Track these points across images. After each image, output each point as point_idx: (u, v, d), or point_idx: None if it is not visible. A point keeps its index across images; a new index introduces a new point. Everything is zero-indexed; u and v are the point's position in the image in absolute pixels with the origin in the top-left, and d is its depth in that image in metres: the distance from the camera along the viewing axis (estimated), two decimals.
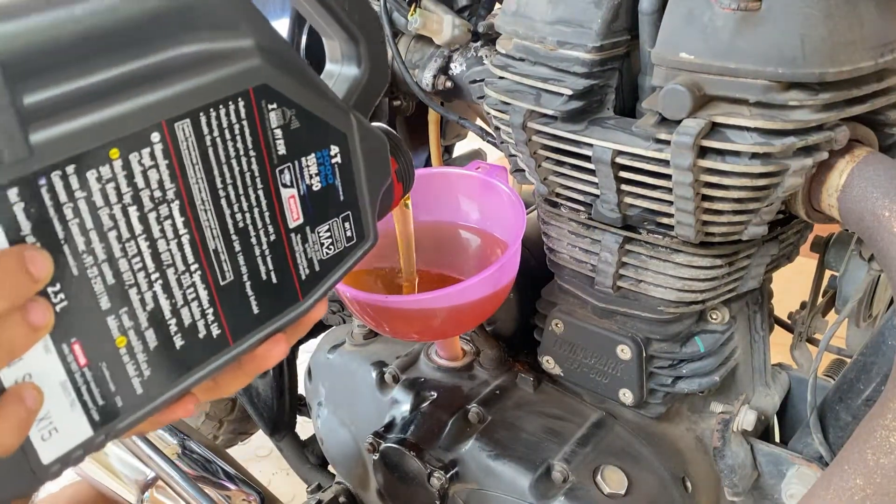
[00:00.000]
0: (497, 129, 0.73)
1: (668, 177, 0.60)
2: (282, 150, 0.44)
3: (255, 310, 0.45)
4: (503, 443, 0.78)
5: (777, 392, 0.85)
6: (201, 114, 0.39)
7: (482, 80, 0.84)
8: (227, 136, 0.40)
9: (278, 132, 0.43)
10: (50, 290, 0.34)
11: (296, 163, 0.45)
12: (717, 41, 0.56)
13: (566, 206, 0.73)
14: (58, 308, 0.35)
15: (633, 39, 0.65)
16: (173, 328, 0.41)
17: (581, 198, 0.70)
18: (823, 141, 0.57)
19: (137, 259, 0.38)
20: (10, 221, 0.32)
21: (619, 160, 0.63)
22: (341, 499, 0.98)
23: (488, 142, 0.97)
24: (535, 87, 0.66)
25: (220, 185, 0.41)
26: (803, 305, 0.89)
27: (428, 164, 1.15)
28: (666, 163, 0.59)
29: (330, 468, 1.17)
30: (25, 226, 0.33)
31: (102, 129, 0.34)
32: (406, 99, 1.06)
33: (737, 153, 0.57)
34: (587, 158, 0.65)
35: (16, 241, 0.33)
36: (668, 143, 0.58)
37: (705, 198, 0.61)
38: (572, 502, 0.72)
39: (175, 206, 0.39)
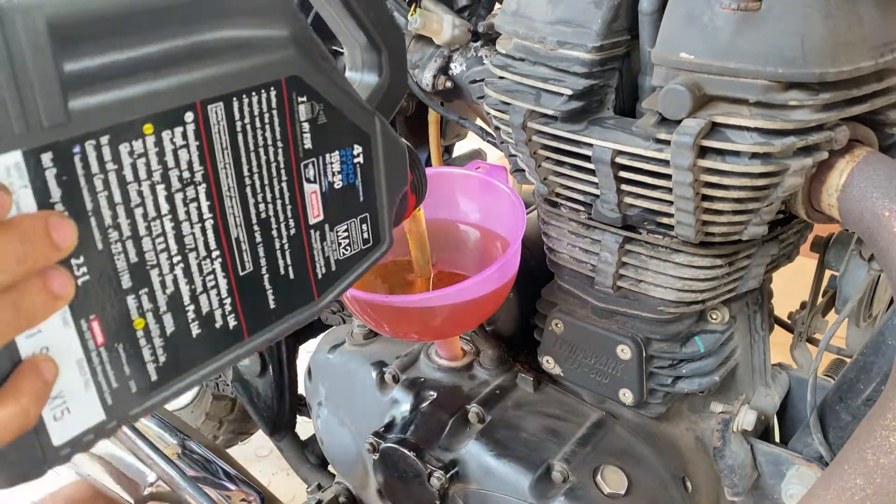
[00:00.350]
0: (497, 129, 0.73)
1: (668, 177, 0.60)
2: (308, 143, 0.44)
3: (272, 304, 0.45)
4: (503, 443, 0.78)
5: (777, 392, 0.85)
6: (234, 99, 0.39)
7: (482, 80, 0.84)
8: (258, 124, 0.41)
9: (306, 126, 0.44)
10: (73, 261, 0.34)
11: (320, 158, 0.46)
12: (717, 41, 0.56)
13: (566, 206, 0.73)
14: (79, 282, 0.35)
15: (633, 39, 0.65)
16: (191, 315, 0.41)
17: (581, 198, 0.70)
18: (823, 141, 0.57)
19: (161, 240, 0.38)
20: (40, 186, 0.32)
21: (619, 160, 0.63)
22: (341, 499, 0.98)
23: (488, 142, 0.97)
24: (535, 87, 0.66)
25: (246, 173, 0.41)
26: (803, 305, 0.89)
27: (428, 164, 1.15)
28: (666, 163, 0.59)
29: (330, 468, 1.17)
30: (55, 192, 0.33)
31: (139, 104, 0.35)
32: (406, 99, 1.06)
33: (737, 153, 0.57)
34: (587, 158, 0.65)
35: (44, 207, 0.33)
36: (668, 142, 0.58)
37: (705, 198, 0.61)
38: (572, 502, 0.72)
39: (202, 189, 0.39)
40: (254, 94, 0.40)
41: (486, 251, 0.85)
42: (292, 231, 0.45)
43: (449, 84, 0.92)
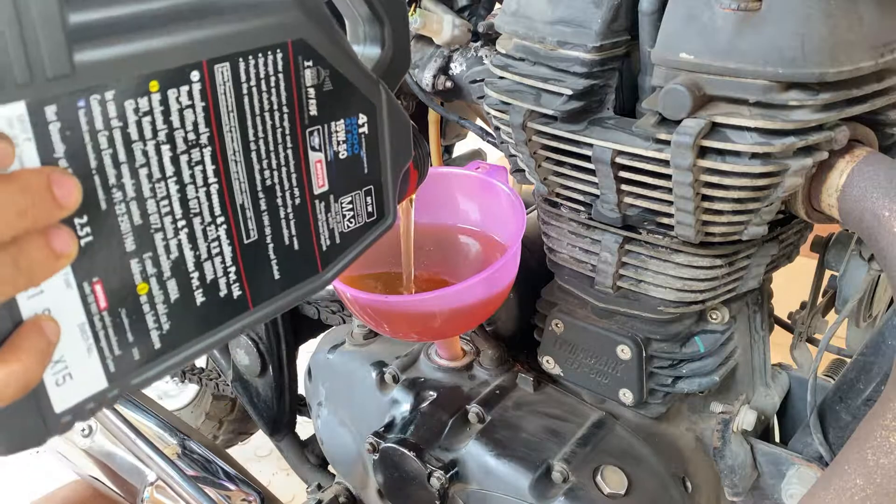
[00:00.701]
0: (497, 129, 0.73)
1: (667, 177, 0.60)
2: (313, 110, 0.44)
3: (276, 275, 0.45)
4: (503, 443, 0.78)
5: (777, 392, 0.85)
6: (241, 59, 0.39)
7: (482, 80, 0.84)
8: (263, 87, 0.41)
9: (311, 91, 0.43)
10: (77, 221, 0.34)
11: (325, 126, 0.45)
12: (717, 41, 0.56)
13: (566, 206, 0.73)
14: (82, 242, 0.34)
15: (633, 39, 0.65)
16: (195, 282, 0.40)
17: (581, 198, 0.70)
18: (823, 141, 0.57)
19: (166, 202, 0.38)
20: (44, 140, 0.32)
21: (619, 160, 0.63)
22: (341, 499, 0.98)
23: (488, 142, 0.97)
24: (535, 87, 0.66)
25: (252, 138, 0.41)
26: (803, 305, 0.89)
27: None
28: (666, 163, 0.59)
29: (330, 468, 1.17)
30: (59, 148, 0.33)
31: (145, 60, 0.34)
32: (406, 99, 1.06)
33: (737, 153, 0.57)
34: (587, 158, 0.65)
35: (47, 163, 0.32)
36: (668, 143, 0.58)
37: (705, 198, 0.61)
38: (572, 502, 0.72)
39: (207, 152, 0.39)
40: (260, 55, 0.40)
41: (486, 257, 0.85)
42: (297, 200, 0.45)
43: (449, 84, 0.92)
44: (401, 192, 0.54)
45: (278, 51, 0.41)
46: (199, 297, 0.41)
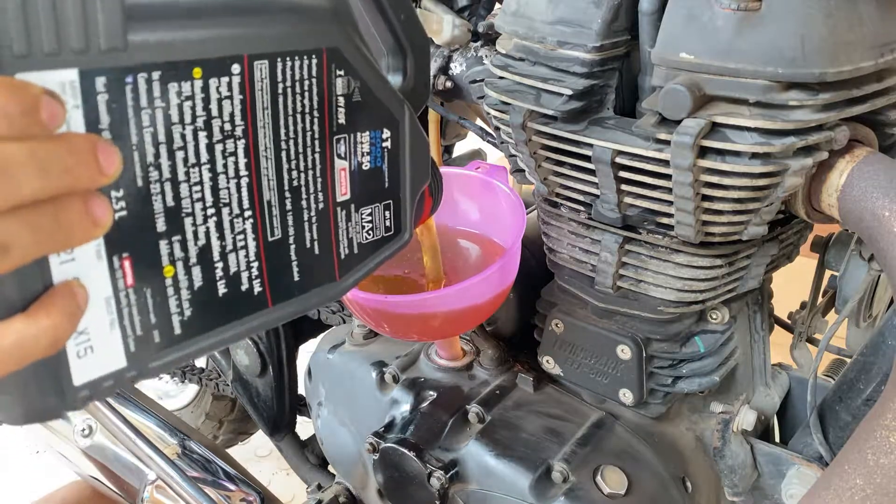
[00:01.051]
0: (497, 129, 0.73)
1: (668, 177, 0.60)
2: (342, 118, 0.46)
3: (296, 277, 0.46)
4: (503, 443, 0.78)
5: (777, 392, 0.85)
6: (279, 59, 0.41)
7: (482, 80, 0.84)
8: (297, 89, 0.43)
9: (341, 100, 0.45)
10: (113, 194, 0.35)
11: (351, 136, 0.47)
12: (717, 41, 0.56)
13: (566, 206, 0.73)
14: (116, 216, 0.35)
15: (633, 39, 0.65)
16: (219, 272, 0.41)
17: (581, 198, 0.70)
18: (823, 141, 0.57)
19: (198, 188, 0.39)
20: (91, 109, 0.33)
21: (619, 160, 0.63)
22: (341, 499, 0.98)
23: (488, 142, 0.97)
24: (535, 87, 0.66)
25: (283, 137, 0.43)
26: (803, 305, 0.89)
27: None
28: (666, 163, 0.59)
29: (330, 468, 1.17)
30: (105, 119, 0.34)
31: (192, 46, 0.36)
32: None
33: (737, 153, 0.57)
34: (587, 158, 0.65)
35: (92, 132, 0.34)
36: (668, 143, 0.58)
37: (705, 198, 0.61)
38: (572, 502, 0.72)
39: (241, 145, 0.40)
40: (297, 58, 0.42)
41: (485, 253, 0.85)
42: (321, 205, 0.46)
43: (449, 84, 0.92)
44: (416, 215, 0.55)
45: (313, 56, 0.43)
46: (222, 288, 0.41)
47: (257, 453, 1.89)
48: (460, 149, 1.28)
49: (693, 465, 0.80)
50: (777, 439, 0.87)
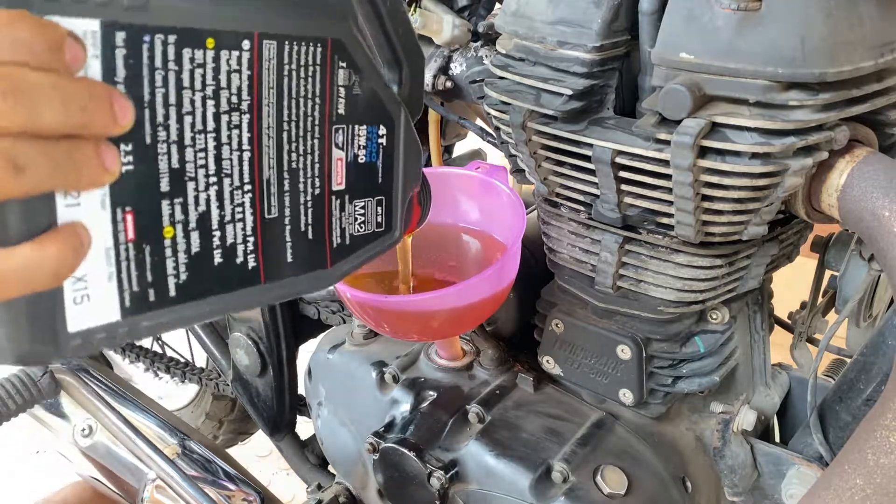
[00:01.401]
0: (497, 129, 0.73)
1: (668, 177, 0.60)
2: (341, 109, 0.48)
3: (289, 258, 0.47)
4: (503, 443, 0.78)
5: (777, 392, 0.85)
6: (286, 42, 0.43)
7: (482, 80, 0.84)
8: (302, 74, 0.45)
9: (342, 91, 0.48)
10: (122, 147, 0.36)
11: (349, 127, 0.49)
12: (717, 41, 0.56)
13: (566, 206, 0.73)
14: (123, 169, 0.37)
15: (633, 39, 0.65)
16: (216, 241, 0.42)
17: (581, 198, 0.70)
18: (823, 141, 0.57)
19: (202, 155, 0.40)
20: (109, 60, 0.35)
21: (619, 160, 0.63)
22: (341, 499, 0.98)
23: (488, 142, 0.97)
24: (535, 87, 0.66)
25: (285, 118, 0.45)
26: (803, 305, 0.89)
27: (428, 163, 1.15)
28: (666, 163, 0.59)
29: (330, 468, 1.17)
30: (120, 72, 0.36)
31: (209, 16, 0.39)
32: None
33: (737, 153, 0.57)
34: (587, 158, 0.65)
35: (108, 83, 0.35)
36: (668, 143, 0.58)
37: (705, 198, 0.61)
38: (572, 502, 0.72)
39: (245, 119, 0.42)
40: (303, 44, 0.44)
41: (486, 256, 0.85)
42: (317, 190, 0.48)
43: (449, 84, 0.92)
44: (406, 219, 0.57)
45: (318, 44, 0.45)
46: (217, 258, 0.42)
47: (257, 453, 1.89)
48: (460, 149, 1.28)
49: (693, 465, 0.80)
50: (777, 439, 0.87)
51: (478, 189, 0.84)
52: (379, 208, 0.53)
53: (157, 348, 1.66)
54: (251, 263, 0.44)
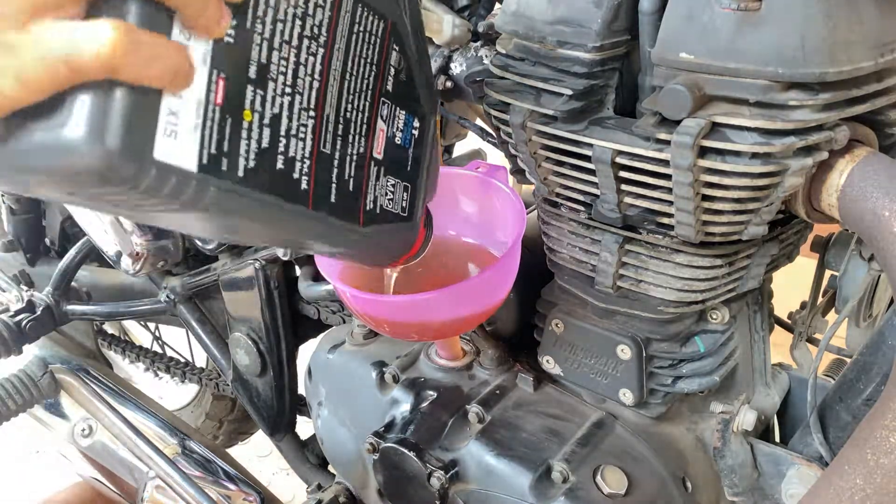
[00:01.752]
0: (497, 129, 0.73)
1: (668, 177, 0.60)
2: (389, 86, 0.53)
3: (333, 198, 0.50)
4: (503, 443, 0.78)
5: (777, 392, 0.85)
6: (360, 6, 0.48)
7: (482, 80, 0.84)
8: (366, 38, 0.50)
9: (392, 71, 0.53)
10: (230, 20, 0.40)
11: (393, 106, 0.54)
12: (717, 41, 0.56)
13: (566, 206, 0.73)
14: (226, 39, 0.40)
15: (633, 39, 0.65)
16: (281, 147, 0.45)
17: (581, 198, 0.70)
18: (823, 141, 0.57)
19: (284, 63, 0.44)
20: None
21: (619, 160, 0.63)
22: (341, 499, 0.98)
23: (488, 142, 0.97)
24: (535, 87, 0.66)
25: (349, 69, 0.49)
26: (803, 305, 0.89)
27: None
28: (666, 163, 0.59)
29: (330, 468, 1.17)
30: None
31: None
32: None
33: (737, 153, 0.57)
34: (587, 158, 0.65)
35: None
36: (668, 143, 0.58)
37: (705, 198, 0.61)
38: (572, 502, 0.72)
39: (319, 52, 0.46)
40: (373, 14, 0.49)
41: (486, 253, 0.85)
42: (361, 149, 0.52)
43: (449, 84, 0.92)
44: (420, 225, 0.62)
45: (382, 21, 0.51)
46: (280, 163, 0.45)
47: (257, 453, 1.89)
48: (460, 149, 1.28)
49: (693, 465, 0.80)
50: (777, 439, 0.87)
51: (478, 189, 0.84)
52: (405, 194, 0.57)
53: (157, 348, 1.66)
54: (303, 184, 0.47)
